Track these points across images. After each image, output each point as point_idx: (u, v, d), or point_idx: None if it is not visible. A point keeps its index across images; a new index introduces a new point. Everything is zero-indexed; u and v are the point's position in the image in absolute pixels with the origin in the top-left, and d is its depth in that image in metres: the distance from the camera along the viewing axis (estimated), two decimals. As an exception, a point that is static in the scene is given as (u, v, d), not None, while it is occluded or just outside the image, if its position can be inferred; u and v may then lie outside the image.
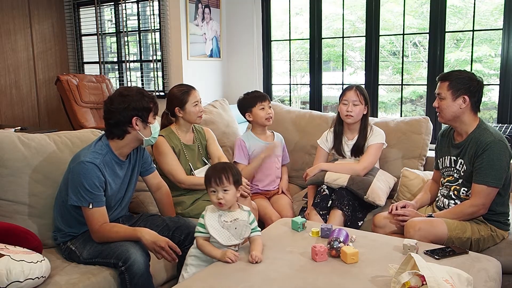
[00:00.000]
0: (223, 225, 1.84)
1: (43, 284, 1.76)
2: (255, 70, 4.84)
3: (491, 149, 2.09)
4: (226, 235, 1.83)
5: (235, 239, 1.84)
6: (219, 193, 1.83)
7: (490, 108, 5.30)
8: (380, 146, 2.69)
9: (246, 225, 1.87)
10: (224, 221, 1.85)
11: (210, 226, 1.83)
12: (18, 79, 5.19)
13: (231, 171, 1.86)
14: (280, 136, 3.01)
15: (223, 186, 1.83)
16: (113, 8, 5.32)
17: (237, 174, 1.89)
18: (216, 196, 1.84)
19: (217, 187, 1.83)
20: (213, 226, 1.83)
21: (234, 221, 1.85)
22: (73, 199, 1.93)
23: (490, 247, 2.15)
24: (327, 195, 2.55)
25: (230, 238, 1.83)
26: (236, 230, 1.84)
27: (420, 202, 2.40)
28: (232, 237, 1.84)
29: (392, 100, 6.72)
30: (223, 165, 1.92)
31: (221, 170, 1.85)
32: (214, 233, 1.82)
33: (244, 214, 1.89)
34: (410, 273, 1.48)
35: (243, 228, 1.86)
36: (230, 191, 1.84)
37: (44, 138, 2.26)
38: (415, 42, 6.41)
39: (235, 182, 1.86)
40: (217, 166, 1.92)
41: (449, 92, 2.17)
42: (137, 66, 5.35)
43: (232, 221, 1.85)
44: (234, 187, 1.85)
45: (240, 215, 1.88)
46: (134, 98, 2.01)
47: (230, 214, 1.87)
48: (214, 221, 1.85)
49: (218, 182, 1.83)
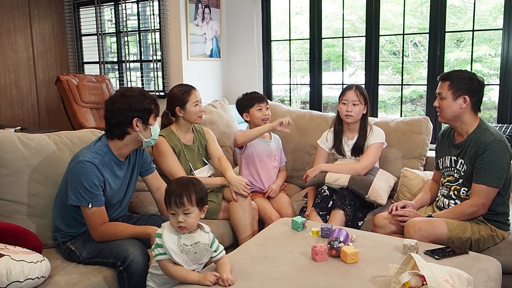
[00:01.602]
0: (182, 249, 1.64)
1: (43, 284, 1.76)
2: (255, 70, 4.84)
3: (492, 149, 2.09)
4: (184, 260, 1.65)
5: (193, 264, 1.67)
6: (179, 216, 1.61)
7: (490, 108, 5.30)
8: (380, 146, 2.69)
9: (207, 249, 1.68)
10: (184, 244, 1.64)
11: (170, 249, 1.63)
12: (18, 79, 5.19)
13: (194, 190, 1.65)
14: (277, 137, 3.00)
15: (184, 209, 1.62)
16: (113, 8, 5.32)
17: (201, 192, 1.67)
18: (176, 219, 1.62)
19: (177, 209, 1.62)
20: (172, 250, 1.63)
21: (195, 244, 1.66)
22: (72, 198, 1.93)
23: (490, 247, 2.15)
24: (327, 195, 2.55)
25: (188, 263, 1.66)
26: (195, 255, 1.66)
27: (420, 202, 2.40)
28: (190, 262, 1.66)
29: (392, 100, 6.72)
30: (186, 182, 1.68)
31: (182, 189, 1.63)
32: (174, 257, 1.63)
33: (205, 237, 1.69)
34: (410, 273, 1.48)
35: (203, 253, 1.68)
36: (193, 213, 1.63)
37: (44, 138, 2.26)
38: (415, 42, 6.41)
39: (199, 203, 1.65)
40: (179, 183, 1.68)
41: (449, 92, 2.17)
42: (137, 66, 5.35)
43: (192, 244, 1.66)
44: (197, 208, 1.65)
45: (202, 237, 1.68)
46: (136, 99, 2.01)
47: (190, 237, 1.66)
48: (173, 243, 1.64)
49: (179, 204, 1.61)
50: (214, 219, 2.54)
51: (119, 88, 4.57)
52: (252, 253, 1.89)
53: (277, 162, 2.96)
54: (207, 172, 2.67)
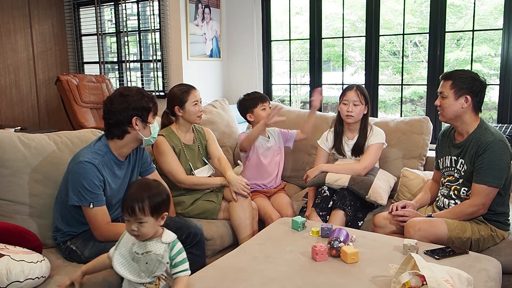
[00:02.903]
0: (133, 257, 1.53)
1: (43, 284, 1.76)
2: (255, 70, 4.84)
3: (492, 149, 2.08)
4: (135, 270, 1.53)
5: (146, 277, 1.53)
6: (132, 224, 1.50)
7: (490, 108, 5.30)
8: (380, 146, 2.69)
9: (159, 260, 1.52)
10: (135, 252, 1.53)
11: (120, 255, 1.54)
12: (18, 79, 5.19)
13: (148, 198, 1.50)
14: (275, 132, 2.97)
15: (136, 218, 1.49)
16: (113, 8, 5.32)
17: (157, 198, 1.52)
18: (129, 227, 1.52)
19: (130, 218, 1.50)
20: (123, 255, 1.54)
21: (146, 254, 1.52)
22: (73, 199, 1.93)
23: (490, 247, 2.15)
24: (327, 196, 2.55)
25: (140, 274, 1.53)
26: (147, 265, 1.52)
27: (420, 202, 2.40)
28: (143, 274, 1.53)
29: (392, 100, 6.72)
30: (141, 190, 1.53)
31: (135, 197, 1.50)
32: (118, 266, 1.52)
33: (159, 247, 1.53)
34: (410, 273, 1.48)
35: (156, 264, 1.52)
36: (147, 223, 1.50)
37: (44, 138, 2.26)
38: (415, 42, 6.42)
39: (154, 212, 1.51)
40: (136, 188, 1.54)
41: (451, 91, 2.17)
42: (137, 66, 5.35)
43: (143, 253, 1.52)
44: (152, 218, 1.51)
45: (155, 247, 1.53)
46: (134, 98, 2.02)
47: (143, 245, 1.54)
48: (126, 249, 1.54)
49: (130, 213, 1.49)
50: (214, 219, 2.54)
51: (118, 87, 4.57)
52: (252, 252, 1.89)
53: (280, 156, 2.95)
54: (207, 172, 2.67)
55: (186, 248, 2.05)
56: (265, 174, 2.88)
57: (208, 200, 2.57)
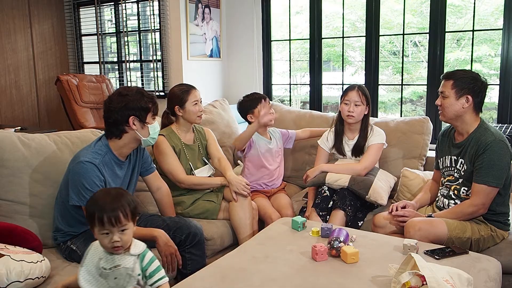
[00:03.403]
0: (100, 273, 1.44)
1: (43, 284, 1.76)
2: (255, 70, 4.84)
3: (492, 148, 2.08)
4: (104, 287, 1.44)
5: None
6: (115, 235, 1.40)
7: (490, 108, 5.30)
8: (380, 146, 2.69)
9: (129, 274, 1.44)
10: (103, 268, 1.43)
11: (86, 271, 1.45)
12: (18, 79, 5.19)
13: (127, 202, 1.44)
14: (277, 133, 2.97)
15: (120, 226, 1.41)
16: (113, 8, 5.32)
17: (132, 202, 1.47)
18: (110, 239, 1.40)
19: (112, 228, 1.40)
20: (89, 272, 1.44)
21: (114, 268, 1.43)
22: (74, 199, 1.93)
23: (490, 247, 2.15)
24: (327, 196, 2.55)
25: None
26: (116, 280, 1.43)
27: (420, 202, 2.40)
28: None
29: (392, 100, 6.72)
30: (115, 196, 1.45)
31: (115, 204, 1.42)
32: (85, 284, 1.42)
33: (128, 260, 1.45)
34: (410, 273, 1.48)
35: (126, 279, 1.44)
36: (129, 229, 1.43)
37: (44, 138, 2.26)
38: (415, 41, 6.42)
39: (133, 216, 1.46)
40: (108, 197, 1.45)
41: (452, 91, 2.17)
42: (137, 66, 5.35)
43: (111, 268, 1.43)
44: (132, 223, 1.45)
45: (124, 260, 1.44)
46: (133, 97, 2.02)
47: (111, 259, 1.44)
48: (92, 265, 1.45)
49: (114, 222, 1.39)
50: (214, 219, 2.54)
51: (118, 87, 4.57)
52: (252, 252, 1.89)
53: (281, 157, 2.95)
54: (208, 172, 2.67)
55: (186, 248, 2.07)
56: (266, 176, 2.88)
57: (208, 200, 2.58)
